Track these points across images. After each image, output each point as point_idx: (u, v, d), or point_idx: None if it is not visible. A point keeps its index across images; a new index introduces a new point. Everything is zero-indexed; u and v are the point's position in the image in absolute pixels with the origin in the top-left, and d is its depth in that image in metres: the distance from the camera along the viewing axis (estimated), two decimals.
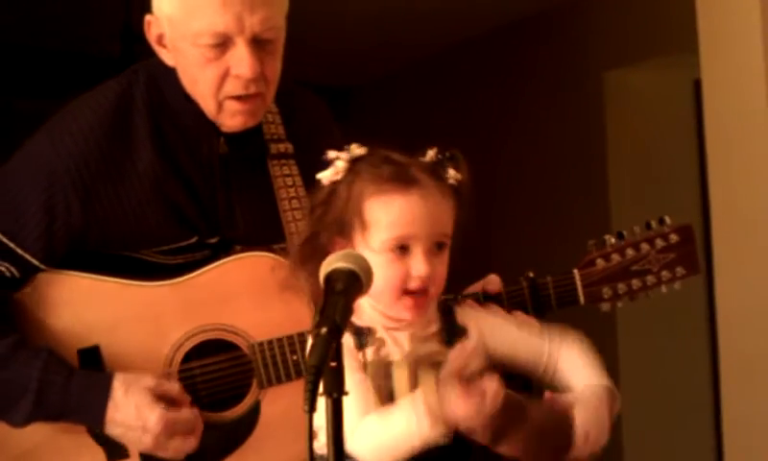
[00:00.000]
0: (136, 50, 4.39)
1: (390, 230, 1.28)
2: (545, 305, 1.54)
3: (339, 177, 1.31)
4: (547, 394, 1.29)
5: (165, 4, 1.47)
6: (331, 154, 1.32)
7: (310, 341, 1.26)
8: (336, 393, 1.05)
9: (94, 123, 1.50)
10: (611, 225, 4.65)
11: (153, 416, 1.43)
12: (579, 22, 4.81)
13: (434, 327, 1.34)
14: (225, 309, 1.52)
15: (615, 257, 1.55)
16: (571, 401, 1.30)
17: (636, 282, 1.55)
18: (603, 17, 4.68)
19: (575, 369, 1.37)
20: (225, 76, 1.46)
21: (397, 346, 1.30)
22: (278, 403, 1.41)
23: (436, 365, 1.24)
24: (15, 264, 1.49)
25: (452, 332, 1.34)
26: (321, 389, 1.03)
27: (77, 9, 4.69)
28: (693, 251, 1.58)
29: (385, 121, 4.85)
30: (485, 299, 1.53)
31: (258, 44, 1.45)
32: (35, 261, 1.49)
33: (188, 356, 1.53)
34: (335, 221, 1.30)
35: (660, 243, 1.56)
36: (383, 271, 1.26)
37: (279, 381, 1.50)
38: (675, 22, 4.06)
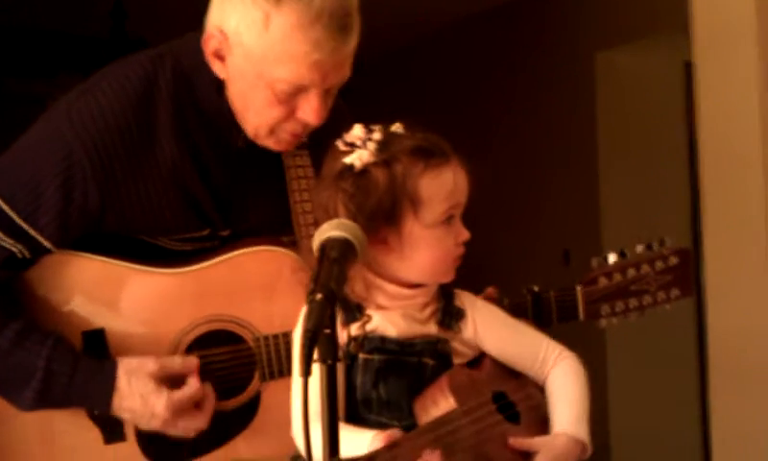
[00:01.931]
0: (127, 28, 4.38)
1: (445, 203, 1.29)
2: (546, 319, 1.57)
3: (373, 159, 1.27)
4: (511, 440, 1.29)
5: (247, 36, 1.40)
6: (350, 138, 1.30)
7: (305, 308, 1.29)
8: (330, 359, 1.05)
9: (116, 107, 1.46)
10: (599, 205, 4.68)
11: (159, 403, 1.44)
12: (570, 3, 4.81)
13: (431, 308, 1.35)
14: (233, 301, 1.52)
15: (617, 276, 1.59)
16: (538, 447, 1.31)
17: (633, 302, 1.60)
18: None
19: (559, 399, 1.37)
20: (289, 115, 1.45)
21: (392, 324, 1.31)
22: (279, 396, 1.40)
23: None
24: (28, 245, 1.46)
25: (449, 314, 1.35)
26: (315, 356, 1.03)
27: None
28: (689, 274, 1.63)
29: (376, 102, 4.84)
30: None
31: (326, 91, 1.45)
32: (47, 243, 1.47)
33: (192, 346, 1.52)
34: (377, 208, 1.26)
35: (659, 265, 1.60)
36: (439, 243, 1.29)
37: (282, 375, 1.50)
38: (665, 3, 4.06)
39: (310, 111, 1.43)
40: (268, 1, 1.37)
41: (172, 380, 1.47)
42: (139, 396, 1.44)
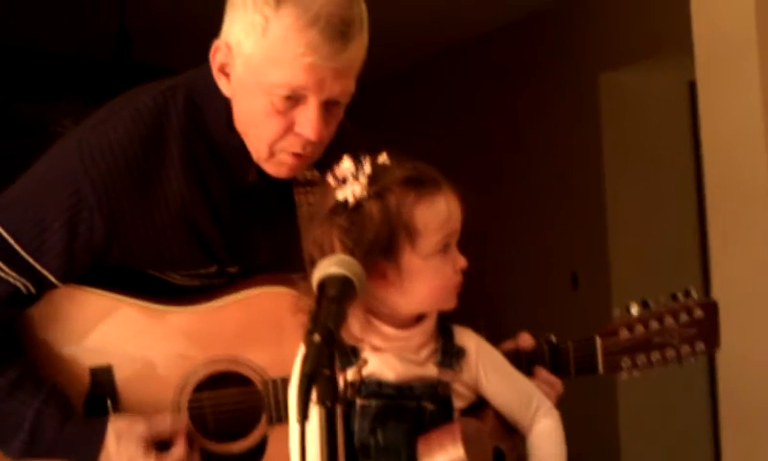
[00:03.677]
0: (131, 53, 4.39)
1: (440, 231, 1.27)
2: (563, 371, 1.51)
3: (365, 192, 1.25)
4: None
5: (246, 43, 1.39)
6: (341, 172, 1.27)
7: (302, 349, 1.26)
8: (329, 401, 1.03)
9: (126, 142, 1.44)
10: (606, 227, 4.66)
11: None
12: (574, 24, 4.81)
13: (429, 349, 1.31)
14: (242, 342, 1.49)
15: (639, 328, 1.53)
16: None
17: (655, 355, 1.54)
18: (598, 19, 4.68)
19: (538, 456, 1.37)
20: (287, 130, 1.42)
21: (389, 367, 1.28)
22: (285, 440, 1.37)
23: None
24: (33, 280, 1.45)
25: (449, 353, 1.32)
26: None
27: (71, 11, 4.68)
28: (716, 327, 1.57)
29: (379, 124, 4.84)
30: None
31: (327, 106, 1.41)
32: (53, 278, 1.46)
33: (201, 386, 1.51)
34: (374, 242, 1.23)
35: (684, 317, 1.55)
36: (438, 272, 1.27)
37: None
38: (669, 24, 4.05)
39: (307, 124, 1.40)
40: (268, 5, 1.36)
41: (161, 441, 1.45)
42: (127, 458, 1.43)
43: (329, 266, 1.15)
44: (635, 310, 1.55)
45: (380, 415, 1.26)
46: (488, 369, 1.34)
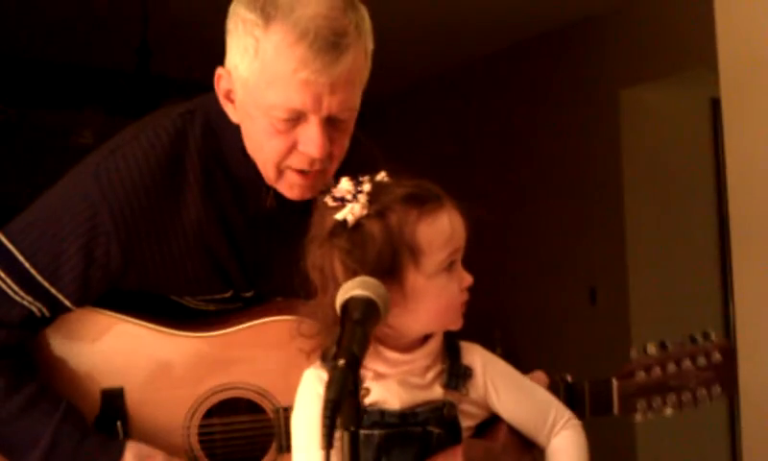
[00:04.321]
0: (151, 66, 4.41)
1: (444, 249, 1.23)
2: (578, 411, 1.47)
3: (365, 211, 1.21)
4: None
5: (242, 66, 1.37)
6: (339, 192, 1.24)
7: (305, 376, 1.25)
8: (353, 426, 1.02)
9: (144, 168, 1.43)
10: (625, 243, 4.63)
11: None
12: (595, 39, 4.79)
13: (435, 371, 1.28)
14: (254, 370, 1.49)
15: (656, 371, 1.51)
16: None
17: (671, 397, 1.52)
18: (619, 35, 4.66)
19: None
20: (291, 149, 1.39)
21: (392, 395, 1.24)
22: None
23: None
24: (48, 304, 1.45)
25: (456, 375, 1.28)
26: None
27: (94, 24, 4.71)
28: (733, 371, 1.56)
29: (398, 138, 4.84)
30: None
31: (330, 122, 1.37)
32: (67, 303, 1.45)
33: (211, 412, 1.50)
34: (376, 262, 1.19)
35: (701, 360, 1.53)
36: (443, 291, 1.23)
37: None
38: (691, 40, 4.03)
39: (309, 141, 1.36)
40: (257, 26, 1.34)
41: None
42: None
43: (353, 288, 1.13)
44: (652, 350, 1.52)
45: (384, 444, 1.23)
46: (497, 384, 1.30)
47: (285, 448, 1.47)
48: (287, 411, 1.46)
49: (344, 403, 1.00)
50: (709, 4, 2.95)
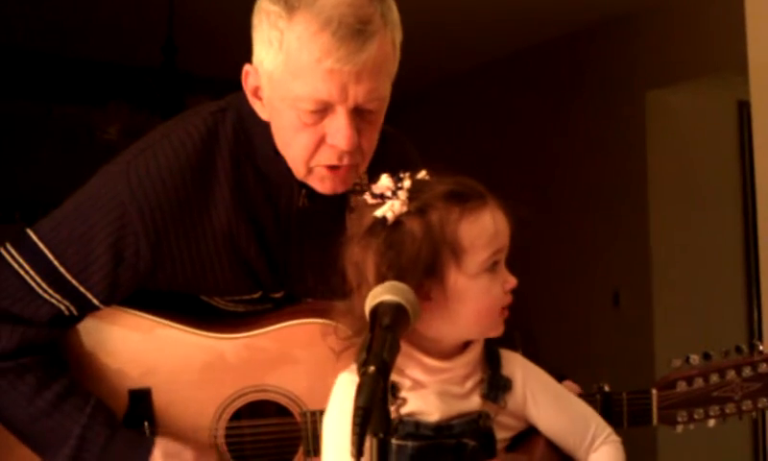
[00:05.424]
0: (177, 63, 4.43)
1: (488, 248, 1.20)
2: (616, 421, 1.45)
3: (406, 208, 1.18)
4: None
5: (267, 60, 1.35)
6: (379, 189, 1.20)
7: (338, 381, 1.23)
8: (383, 433, 1.00)
9: (174, 167, 1.42)
10: (649, 246, 4.59)
11: None
12: (622, 41, 4.76)
13: (474, 380, 1.25)
14: (282, 372, 1.48)
15: (699, 382, 1.48)
16: None
17: (714, 409, 1.48)
18: (646, 37, 4.62)
19: None
20: (320, 143, 1.37)
21: (429, 406, 1.21)
22: None
23: None
24: (76, 302, 1.45)
25: (495, 386, 1.25)
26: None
27: (120, 21, 4.73)
28: None
29: (422, 136, 4.82)
30: None
31: (359, 113, 1.35)
32: (96, 301, 1.45)
33: (238, 414, 1.49)
34: (415, 262, 1.16)
35: (747, 371, 1.48)
36: (486, 293, 1.20)
37: None
38: (718, 42, 4.00)
39: (337, 133, 1.34)
40: (281, 17, 1.33)
41: None
42: None
43: (383, 293, 1.11)
44: (695, 360, 1.48)
45: (417, 456, 1.21)
46: (537, 397, 1.27)
47: (312, 451, 1.46)
48: (314, 415, 1.46)
49: (374, 411, 0.99)
50: (739, 7, 2.92)
